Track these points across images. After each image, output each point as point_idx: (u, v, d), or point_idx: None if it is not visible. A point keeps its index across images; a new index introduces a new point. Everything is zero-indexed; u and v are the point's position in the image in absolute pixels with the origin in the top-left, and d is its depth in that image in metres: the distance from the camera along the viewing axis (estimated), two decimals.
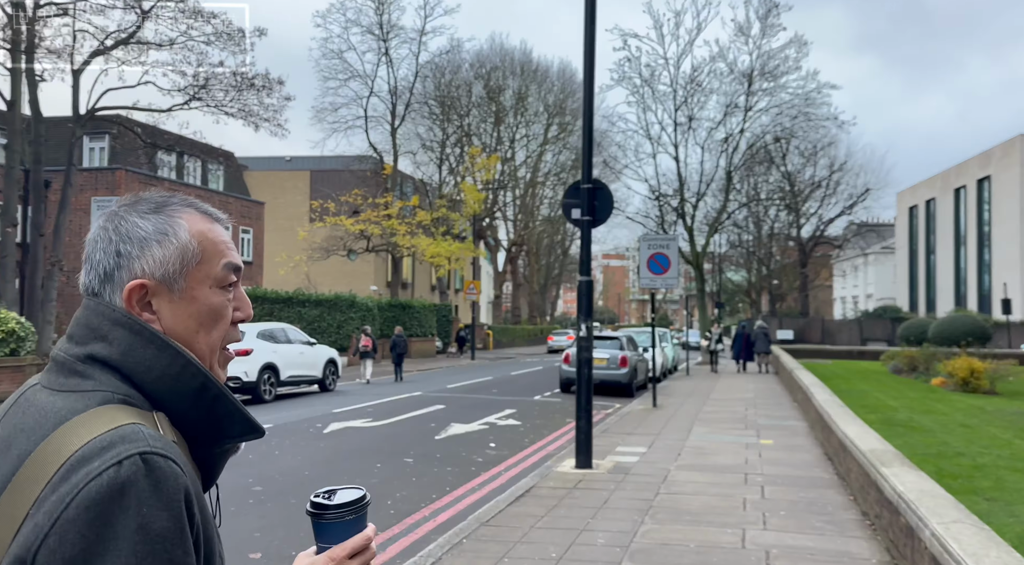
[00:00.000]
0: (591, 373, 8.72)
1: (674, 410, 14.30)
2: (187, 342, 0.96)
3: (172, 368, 0.92)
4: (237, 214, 35.22)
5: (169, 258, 0.95)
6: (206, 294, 0.98)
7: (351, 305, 28.08)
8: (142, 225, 0.96)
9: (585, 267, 8.80)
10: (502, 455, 9.74)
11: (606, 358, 17.27)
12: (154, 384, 0.92)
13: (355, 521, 1.04)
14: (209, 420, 0.95)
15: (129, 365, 0.91)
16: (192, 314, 0.97)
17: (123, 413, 0.87)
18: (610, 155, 33.65)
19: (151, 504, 0.81)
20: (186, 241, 0.97)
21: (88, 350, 0.92)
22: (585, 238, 8.77)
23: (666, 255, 14.63)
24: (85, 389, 0.90)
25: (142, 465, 0.81)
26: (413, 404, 14.86)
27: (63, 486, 0.80)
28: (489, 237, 47.55)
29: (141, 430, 0.85)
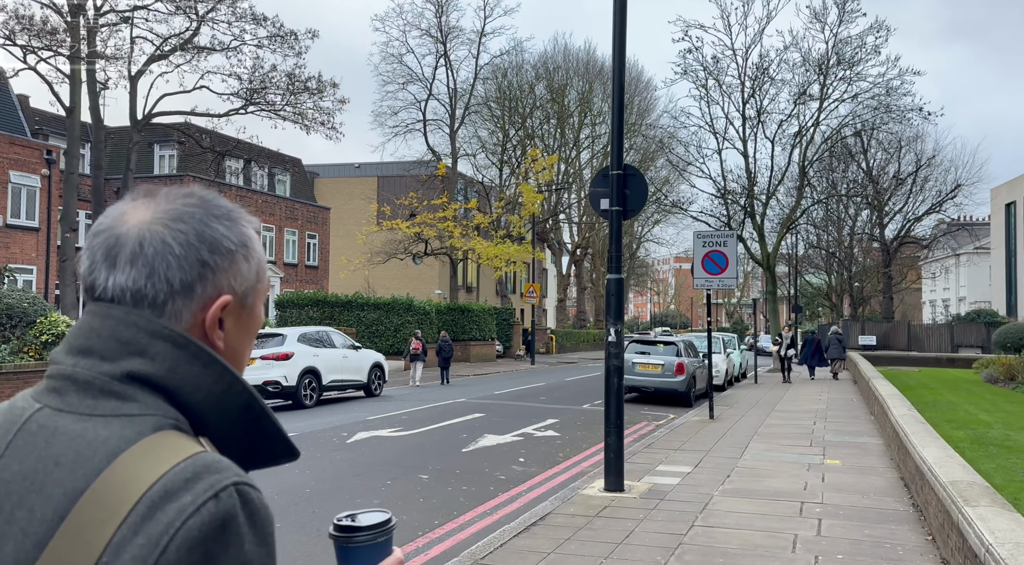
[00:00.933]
0: (621, 384, 7.74)
1: (732, 422, 13.07)
2: (239, 357, 0.92)
3: (218, 385, 0.84)
4: (304, 219, 35.56)
5: (251, 274, 0.90)
6: (260, 309, 0.94)
7: (408, 308, 27.71)
8: (227, 235, 0.88)
9: (615, 264, 7.83)
10: (529, 472, 8.85)
11: (661, 364, 16.13)
12: (201, 404, 0.84)
13: (385, 544, 1.00)
14: (251, 441, 0.87)
15: (175, 384, 0.82)
16: (249, 329, 0.92)
17: (184, 440, 0.80)
18: (676, 154, 32.28)
19: (251, 539, 0.76)
20: (260, 256, 0.93)
21: (124, 368, 0.81)
22: (615, 230, 7.80)
23: (723, 253, 13.45)
24: (130, 413, 0.80)
25: (238, 498, 0.76)
26: (452, 412, 14.13)
27: (150, 526, 0.72)
28: (553, 240, 46.66)
29: (220, 459, 0.79)
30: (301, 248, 35.31)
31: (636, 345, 16.98)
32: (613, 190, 7.74)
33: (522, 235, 32.76)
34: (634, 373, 16.25)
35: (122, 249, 0.83)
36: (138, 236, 0.83)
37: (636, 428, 12.75)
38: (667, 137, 32.63)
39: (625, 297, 76.49)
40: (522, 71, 40.40)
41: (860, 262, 48.26)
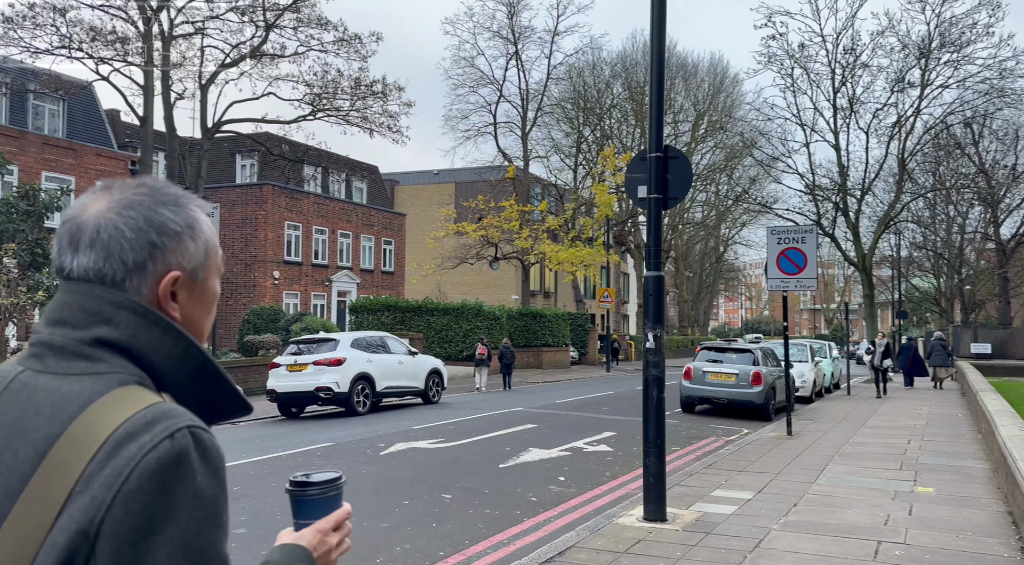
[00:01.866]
0: (661, 397, 6.73)
1: (813, 440, 11.70)
2: (198, 326, 1.02)
3: (176, 348, 0.96)
4: (380, 225, 35.72)
5: (198, 252, 1.00)
6: (214, 283, 1.05)
7: (477, 313, 27.19)
8: (173, 219, 0.98)
9: (653, 259, 6.85)
10: (566, 493, 7.95)
11: (735, 374, 14.81)
12: (161, 364, 0.95)
13: (335, 498, 1.15)
14: (208, 398, 0.99)
15: (138, 346, 0.94)
16: (204, 301, 1.03)
17: (146, 393, 0.91)
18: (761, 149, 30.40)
19: (203, 472, 0.87)
20: (208, 235, 1.02)
21: (93, 334, 0.94)
22: (654, 221, 6.83)
23: (801, 251, 12.12)
24: (99, 372, 0.92)
25: (191, 437, 0.87)
26: (503, 422, 13.34)
27: (114, 461, 0.84)
28: (632, 243, 45.22)
29: (176, 408, 0.91)
30: (377, 254, 35.47)
31: (707, 353, 15.71)
32: (651, 175, 6.78)
33: (594, 238, 31.66)
34: (705, 383, 15.01)
35: (83, 235, 0.96)
36: (95, 223, 0.96)
37: (700, 445, 11.59)
38: (750, 131, 30.78)
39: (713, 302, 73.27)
40: (597, 69, 39.34)
41: (972, 263, 44.38)
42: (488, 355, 22.35)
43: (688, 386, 15.21)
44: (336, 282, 32.87)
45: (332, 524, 1.13)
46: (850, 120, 25.85)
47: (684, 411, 15.54)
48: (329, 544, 1.12)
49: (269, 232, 29.69)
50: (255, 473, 8.69)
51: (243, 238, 29.82)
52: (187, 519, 0.84)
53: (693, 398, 15.22)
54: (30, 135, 21.43)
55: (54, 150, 22.04)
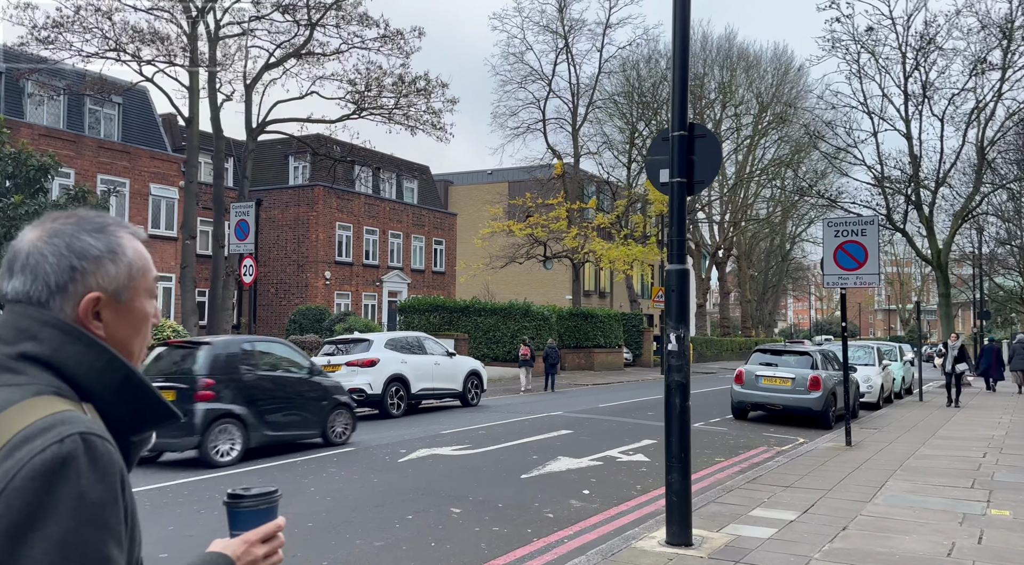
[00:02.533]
0: (685, 406, 5.99)
1: (874, 451, 10.65)
2: (125, 344, 1.09)
3: (99, 362, 1.02)
4: (430, 225, 35.55)
5: (120, 274, 1.07)
6: (143, 303, 1.11)
7: (524, 314, 26.60)
8: (94, 244, 1.06)
9: (676, 251, 6.11)
10: (588, 509, 7.27)
11: (791, 378, 13.78)
12: (84, 377, 1.02)
13: (267, 511, 1.20)
14: (133, 408, 1.05)
15: (59, 360, 1.01)
16: (131, 321, 1.10)
17: (57, 402, 0.97)
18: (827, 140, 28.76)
19: (89, 476, 0.90)
20: (132, 258, 1.09)
21: (19, 349, 1.01)
22: (677, 208, 6.09)
23: (861, 245, 11.08)
24: (19, 383, 0.98)
25: (81, 443, 0.91)
26: (538, 427, 12.70)
27: (7, 462, 0.90)
28: (690, 240, 43.82)
29: (78, 415, 0.96)
30: (428, 254, 35.29)
31: (761, 355, 14.69)
32: (674, 157, 6.05)
33: (647, 235, 30.61)
34: (758, 388, 14.03)
35: (16, 261, 1.06)
36: (26, 250, 1.06)
37: (748, 455, 10.69)
38: (814, 121, 29.17)
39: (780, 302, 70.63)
40: (653, 61, 38.18)
41: None
42: (532, 355, 22.39)
43: (740, 391, 14.25)
44: (387, 282, 32.81)
45: (260, 536, 1.18)
46: (923, 107, 24.15)
47: (736, 417, 14.58)
48: (254, 555, 1.17)
49: (320, 233, 29.80)
50: (261, 480, 8.30)
51: (295, 239, 30.02)
52: (67, 518, 0.88)
53: (745, 404, 14.25)
54: (86, 139, 21.94)
55: (109, 153, 22.52)
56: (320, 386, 10.47)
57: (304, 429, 10.16)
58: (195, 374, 9.03)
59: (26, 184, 15.82)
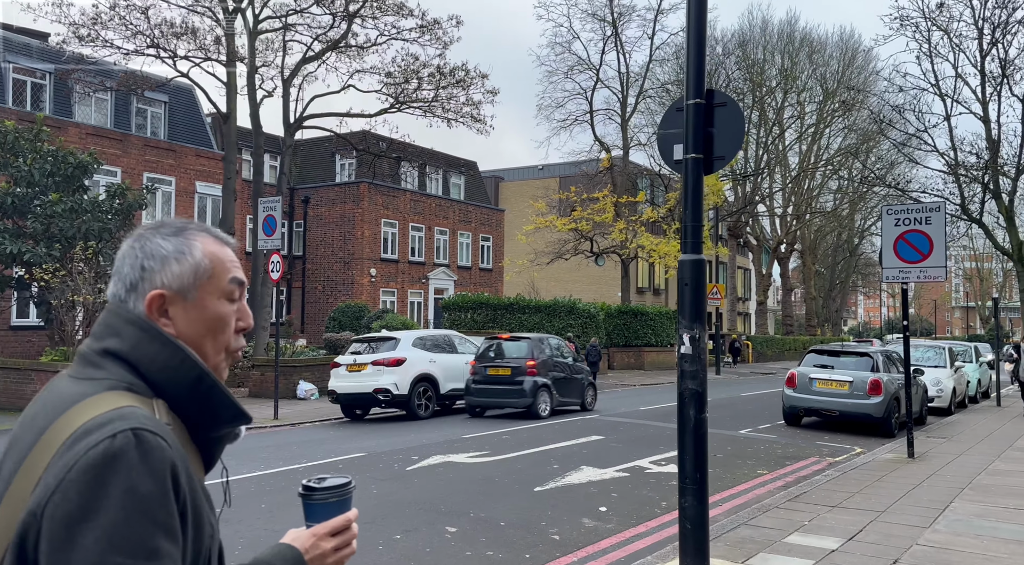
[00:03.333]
0: (701, 418, 5.15)
1: (940, 464, 9.51)
2: (197, 343, 1.12)
3: (172, 361, 1.07)
4: (477, 222, 35.05)
5: (185, 273, 1.12)
6: (215, 304, 1.14)
7: (570, 311, 25.78)
8: (163, 245, 1.13)
9: (691, 238, 5.27)
10: (601, 529, 6.49)
11: (848, 381, 12.62)
12: (157, 374, 1.07)
13: (338, 504, 1.22)
14: (204, 407, 1.09)
15: (136, 357, 1.07)
16: (202, 320, 1.13)
17: (125, 398, 1.02)
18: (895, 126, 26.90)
19: (139, 470, 0.94)
20: (199, 259, 1.14)
21: (103, 345, 1.09)
22: (692, 189, 5.25)
23: (925, 234, 9.93)
24: (97, 377, 1.05)
25: (133, 438, 0.96)
26: (567, 432, 11.93)
27: (68, 454, 0.96)
28: (750, 235, 42.10)
29: (136, 411, 1.00)
30: (475, 251, 34.78)
31: (816, 356, 13.54)
32: (689, 128, 5.21)
33: None
34: (811, 392, 12.91)
35: (113, 266, 1.16)
36: (119, 256, 1.16)
37: (795, 467, 9.69)
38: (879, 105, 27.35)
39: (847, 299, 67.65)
40: (708, 47, 36.72)
41: None
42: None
43: (791, 395, 13.15)
44: (433, 279, 32.44)
45: (328, 529, 1.20)
46: (1002, 87, 22.23)
47: (787, 424, 13.49)
48: (322, 548, 1.19)
49: (366, 230, 29.62)
50: (255, 489, 7.79)
51: (341, 236, 29.94)
52: (117, 510, 0.92)
53: (798, 409, 13.14)
54: (132, 138, 22.17)
55: (155, 151, 22.72)
56: (580, 368, 15.55)
57: (571, 398, 14.80)
58: (523, 357, 13.91)
59: (65, 182, 15.91)
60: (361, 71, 20.44)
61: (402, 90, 20.73)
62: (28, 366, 14.92)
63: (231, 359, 1.17)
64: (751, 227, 41.17)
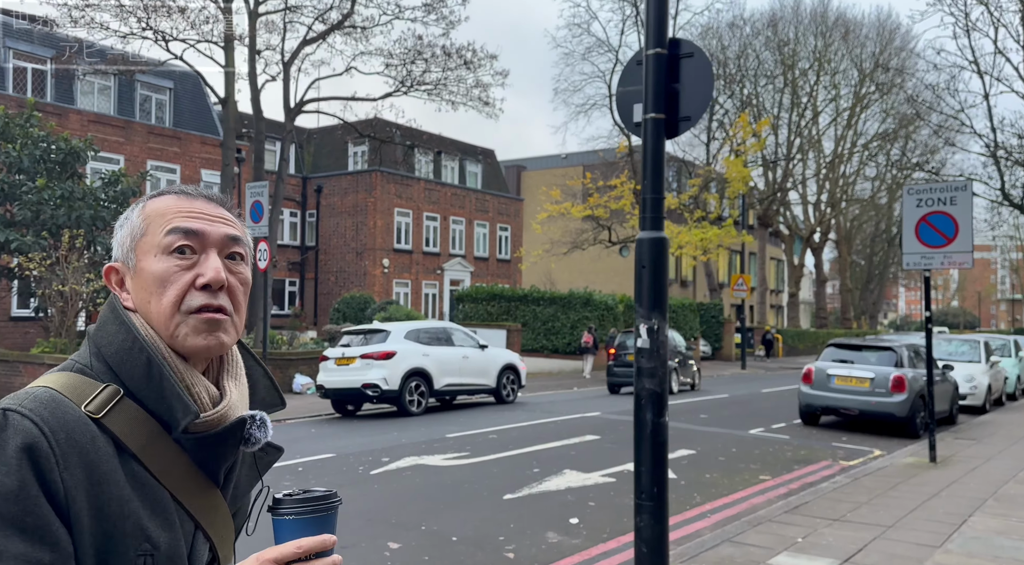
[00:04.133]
0: (660, 423, 4.37)
1: (964, 470, 8.56)
2: (145, 312, 0.99)
3: (125, 343, 0.96)
4: (495, 211, 34.35)
5: (124, 239, 1.03)
6: (150, 263, 0.99)
7: (586, 303, 24.94)
8: (121, 216, 1.06)
9: (650, 213, 4.47)
10: (565, 546, 5.75)
11: (869, 378, 11.65)
12: (112, 357, 0.96)
13: (314, 522, 0.94)
14: (161, 397, 0.95)
15: (97, 338, 0.99)
16: (142, 285, 1.00)
17: (56, 378, 0.94)
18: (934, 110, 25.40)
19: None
20: (134, 220, 1.02)
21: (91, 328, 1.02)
22: (652, 154, 4.46)
23: (949, 216, 8.97)
24: (68, 358, 0.99)
25: (1, 419, 0.86)
26: (562, 431, 11.17)
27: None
28: (780, 223, 40.68)
29: (36, 391, 0.90)
30: (492, 241, 34.06)
31: (836, 351, 12.56)
32: (649, 85, 4.42)
33: (724, 217, 28.18)
34: (830, 388, 11.96)
35: None
36: None
37: (804, 472, 8.82)
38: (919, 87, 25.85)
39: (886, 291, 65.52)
40: (735, 28, 35.37)
41: None
42: (595, 343, 22.13)
43: (808, 392, 12.21)
44: (448, 270, 31.82)
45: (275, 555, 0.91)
46: None
47: (804, 423, 12.56)
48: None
49: (378, 220, 29.09)
50: None
51: (354, 226, 29.46)
52: None
53: (814, 407, 12.20)
54: (136, 125, 21.86)
55: (159, 139, 22.39)
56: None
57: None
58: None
59: (57, 168, 15.56)
60: (365, 54, 19.77)
61: (408, 72, 20.04)
62: (17, 358, 14.63)
63: (202, 322, 0.98)
64: (783, 215, 39.71)
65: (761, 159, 36.10)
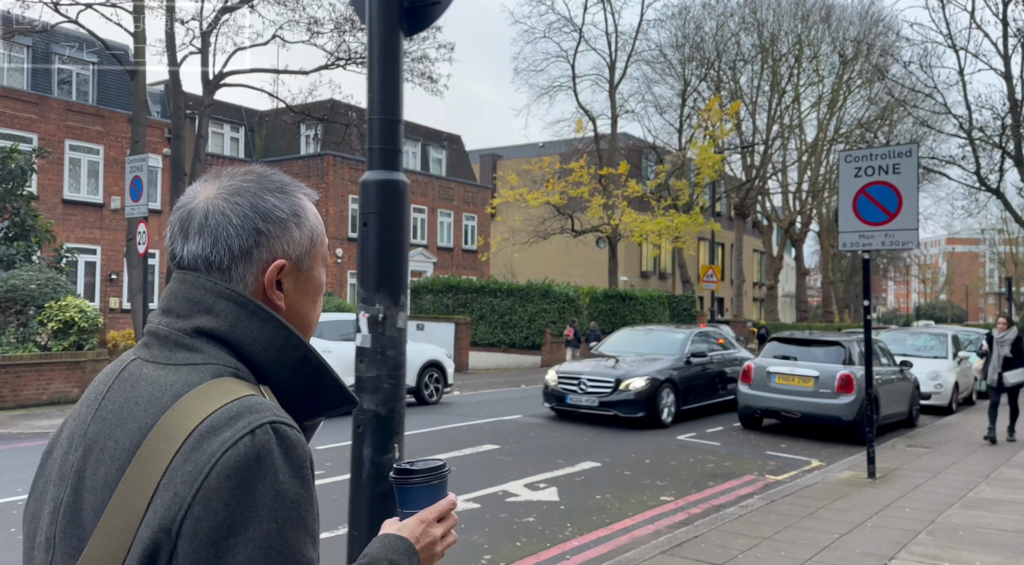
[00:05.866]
0: (381, 462, 2.97)
1: (905, 488, 7.21)
2: (304, 316, 1.00)
3: (276, 340, 0.93)
4: (460, 200, 32.90)
5: (303, 240, 0.98)
6: (319, 272, 1.02)
7: (544, 295, 23.57)
8: (279, 205, 0.97)
9: (381, 147, 3.05)
10: None
11: (813, 377, 10.30)
12: (261, 355, 0.92)
13: (439, 486, 1.07)
14: (308, 391, 0.95)
15: (236, 337, 0.92)
16: (310, 291, 1.00)
17: (239, 385, 0.88)
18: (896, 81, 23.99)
19: (285, 471, 0.82)
20: (314, 224, 1.01)
21: (194, 323, 0.92)
22: (380, 54, 3.04)
23: (891, 187, 7.62)
24: (196, 362, 0.90)
25: (273, 434, 0.83)
26: (461, 439, 9.79)
27: (196, 455, 0.81)
28: (759, 214, 39.36)
29: (263, 401, 0.87)
30: (457, 231, 32.61)
31: (779, 345, 11.20)
32: None
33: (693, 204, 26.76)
34: (770, 388, 10.61)
35: (192, 222, 0.95)
36: (204, 210, 0.95)
37: (717, 490, 7.46)
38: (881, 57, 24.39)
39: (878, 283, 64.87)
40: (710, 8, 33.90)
41: None
42: (576, 336, 22.10)
43: (747, 392, 10.85)
44: (409, 261, 30.38)
45: (435, 514, 1.06)
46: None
47: (744, 427, 11.21)
48: (433, 535, 1.05)
49: (331, 207, 27.61)
50: None
51: None
52: (268, 520, 0.81)
53: (753, 409, 10.84)
54: (52, 101, 20.29)
55: (79, 117, 20.83)
56: None
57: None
58: None
59: None
60: (293, 22, 18.20)
61: (341, 42, 18.52)
62: None
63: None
64: (761, 205, 38.33)
65: (739, 145, 34.76)
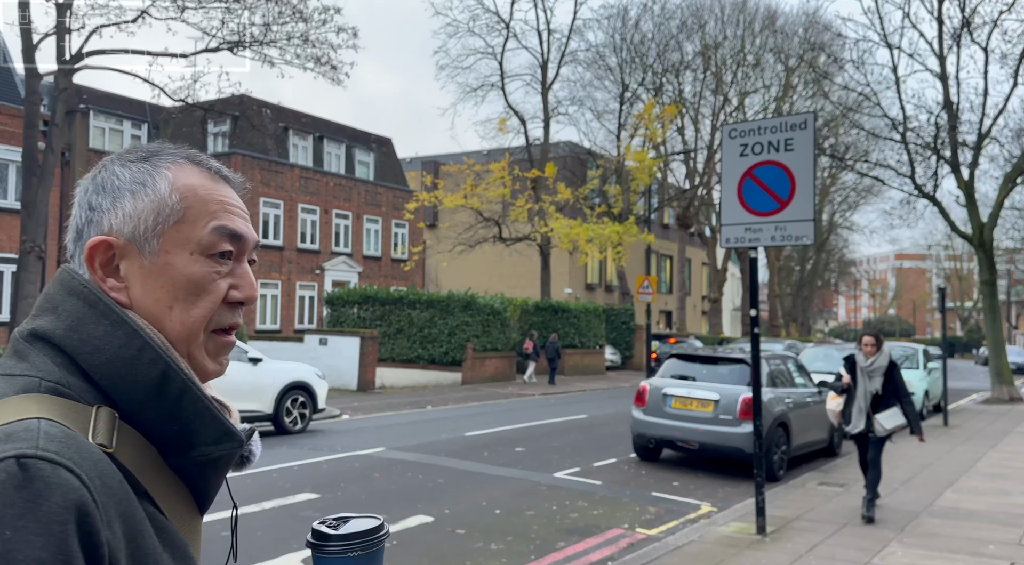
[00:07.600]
0: None
1: (796, 552, 5.68)
2: (157, 319, 0.79)
3: (126, 350, 0.74)
4: (389, 206, 31.11)
5: (141, 212, 0.80)
6: (184, 261, 0.80)
7: (466, 307, 21.92)
8: (120, 174, 0.81)
9: None
10: None
11: (713, 401, 8.79)
12: (103, 368, 0.74)
13: (370, 558, 0.84)
14: (173, 419, 0.75)
15: (72, 344, 0.74)
16: (165, 284, 0.79)
17: (39, 405, 0.69)
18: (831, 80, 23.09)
19: (20, 526, 0.62)
20: (165, 194, 0.80)
21: (33, 325, 0.76)
22: None
23: (783, 167, 6.14)
24: (14, 373, 0.73)
25: (17, 471, 0.63)
26: (283, 485, 8.00)
27: None
28: (704, 224, 38.37)
29: (39, 426, 0.67)
30: (386, 238, 30.79)
31: (678, 363, 9.68)
32: None
33: (628, 213, 25.49)
34: (665, 414, 9.07)
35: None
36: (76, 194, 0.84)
37: (580, 549, 5.84)
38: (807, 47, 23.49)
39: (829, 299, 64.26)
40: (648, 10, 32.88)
41: None
42: (535, 349, 22.39)
43: (640, 419, 9.29)
44: (330, 270, 28.48)
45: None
46: (962, 36, 18.46)
47: (641, 458, 9.65)
48: None
49: None
50: None
51: None
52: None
53: (647, 438, 9.28)
54: None
55: None
56: None
57: None
58: None
59: None
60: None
61: (222, 23, 16.71)
62: None
63: (220, 346, 0.82)
64: (704, 215, 37.32)
65: (681, 150, 33.71)
